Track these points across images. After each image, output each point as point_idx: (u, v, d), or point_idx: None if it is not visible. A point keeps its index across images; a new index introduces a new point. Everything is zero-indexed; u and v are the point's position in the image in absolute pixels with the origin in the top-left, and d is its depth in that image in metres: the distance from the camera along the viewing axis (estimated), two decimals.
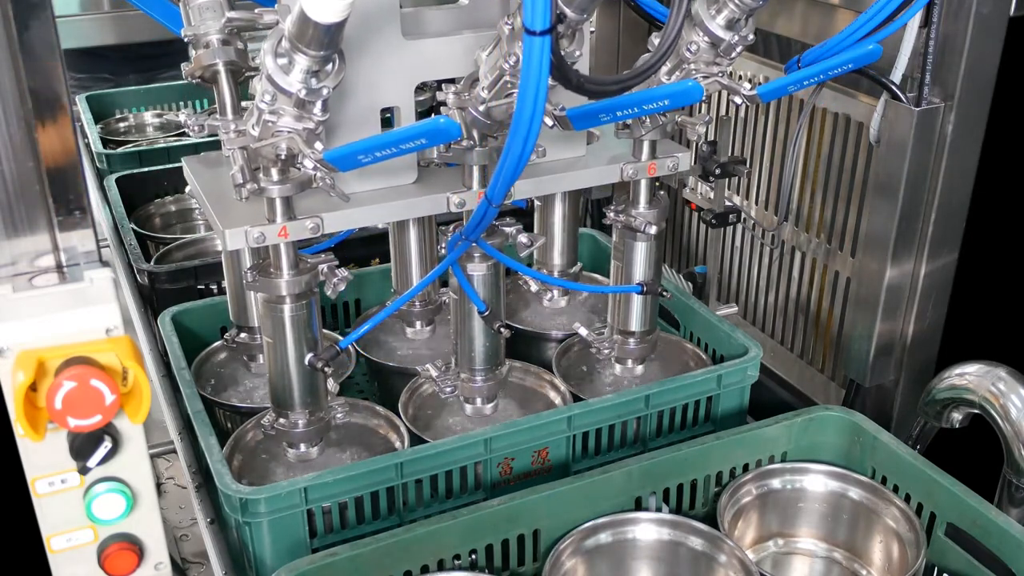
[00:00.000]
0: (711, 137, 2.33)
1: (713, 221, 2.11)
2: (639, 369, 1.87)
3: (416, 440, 1.68)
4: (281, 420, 1.63)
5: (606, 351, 1.86)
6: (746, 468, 1.67)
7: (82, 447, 1.39)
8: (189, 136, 2.87)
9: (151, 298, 2.10)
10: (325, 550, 1.43)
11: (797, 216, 2.18)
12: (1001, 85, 1.76)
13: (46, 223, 1.48)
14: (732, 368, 1.76)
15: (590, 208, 2.68)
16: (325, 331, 1.62)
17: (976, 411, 1.69)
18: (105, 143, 2.94)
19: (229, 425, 1.83)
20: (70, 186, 1.47)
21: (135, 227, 2.38)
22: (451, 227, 1.62)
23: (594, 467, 1.61)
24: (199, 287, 2.13)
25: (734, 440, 1.65)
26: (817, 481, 1.66)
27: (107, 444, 1.40)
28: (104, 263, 1.52)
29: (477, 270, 1.63)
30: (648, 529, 1.57)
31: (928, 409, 1.77)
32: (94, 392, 1.32)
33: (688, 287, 2.26)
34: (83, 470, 1.41)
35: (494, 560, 1.53)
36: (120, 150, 2.89)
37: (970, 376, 1.69)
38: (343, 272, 1.55)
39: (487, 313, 1.65)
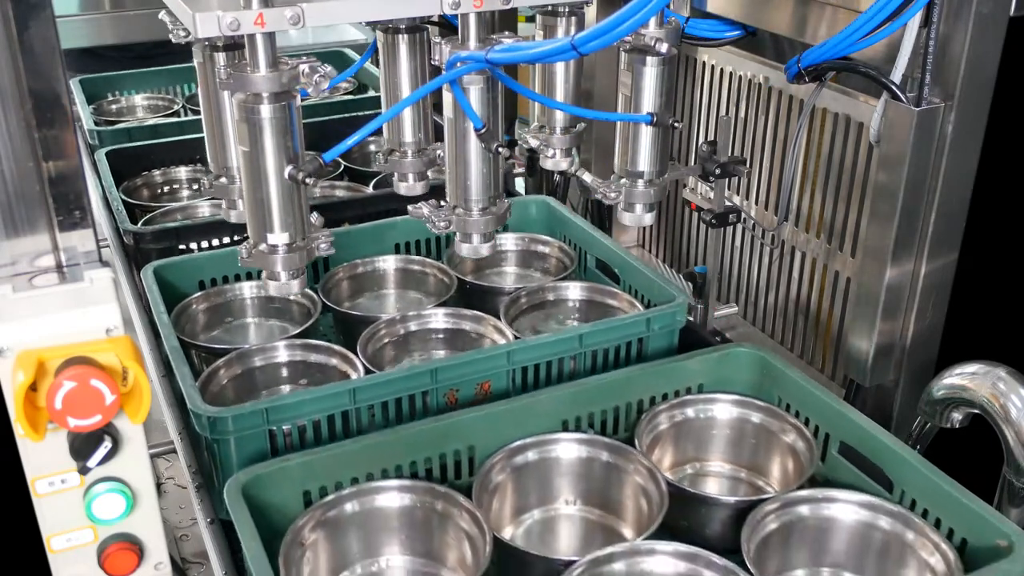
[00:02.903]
0: (711, 135, 2.33)
1: (713, 221, 2.11)
2: (648, 218, 1.79)
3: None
4: (261, 246, 1.55)
5: (612, 196, 1.77)
6: (665, 398, 1.81)
7: (82, 447, 1.39)
8: (176, 117, 3.20)
9: (136, 257, 2.25)
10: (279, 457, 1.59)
11: (797, 216, 2.18)
12: (1001, 85, 1.76)
13: (46, 223, 1.48)
14: (660, 312, 1.92)
15: (590, 208, 2.68)
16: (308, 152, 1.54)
17: (976, 411, 1.69)
18: (97, 124, 3.07)
19: (204, 367, 1.93)
20: (70, 186, 1.48)
21: (123, 196, 2.52)
22: (444, 41, 1.55)
23: None
24: (180, 247, 2.27)
25: (654, 371, 1.81)
26: (725, 409, 1.80)
27: (107, 444, 1.40)
28: (104, 263, 1.52)
29: (474, 83, 1.55)
30: (569, 447, 1.70)
31: (928, 409, 1.77)
32: (94, 392, 1.32)
33: (688, 287, 2.26)
34: (83, 470, 1.41)
35: (433, 472, 1.66)
36: (110, 128, 3.02)
37: (970, 376, 1.69)
38: (326, 68, 1.46)
39: (483, 131, 1.56)
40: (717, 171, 1.99)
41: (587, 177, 1.83)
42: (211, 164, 1.93)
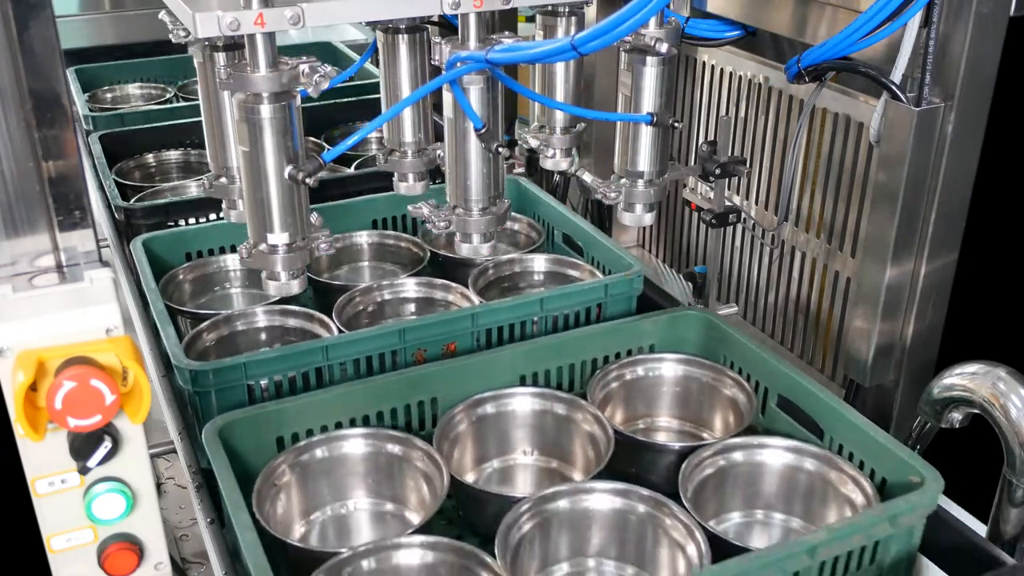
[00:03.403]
0: (711, 135, 2.33)
1: (713, 221, 2.11)
2: (648, 218, 1.80)
3: None
4: (261, 247, 1.55)
5: (612, 196, 1.78)
6: (618, 357, 1.92)
7: (82, 447, 1.39)
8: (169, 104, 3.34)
9: (127, 233, 2.36)
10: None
11: (797, 216, 2.18)
12: (1001, 85, 1.76)
13: (46, 223, 1.48)
14: (618, 279, 2.03)
15: (590, 208, 2.68)
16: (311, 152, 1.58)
17: (976, 411, 1.69)
18: (92, 111, 3.15)
19: (189, 331, 2.03)
20: (70, 186, 1.48)
21: (116, 177, 2.66)
22: (444, 41, 1.55)
23: None
24: (169, 223, 2.40)
25: (607, 331, 1.92)
26: (672, 367, 1.90)
27: (107, 444, 1.40)
28: (104, 263, 1.52)
29: (474, 83, 1.55)
30: (524, 400, 1.81)
31: (928, 409, 1.77)
32: (94, 392, 1.32)
33: (688, 287, 2.26)
34: (83, 470, 1.41)
35: (398, 422, 1.77)
36: (104, 114, 3.13)
37: (970, 376, 1.69)
38: (326, 68, 1.46)
39: (483, 131, 1.56)
40: (717, 171, 1.99)
41: (587, 177, 1.83)
42: (211, 164, 1.93)
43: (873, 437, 1.59)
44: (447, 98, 1.60)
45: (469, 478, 1.77)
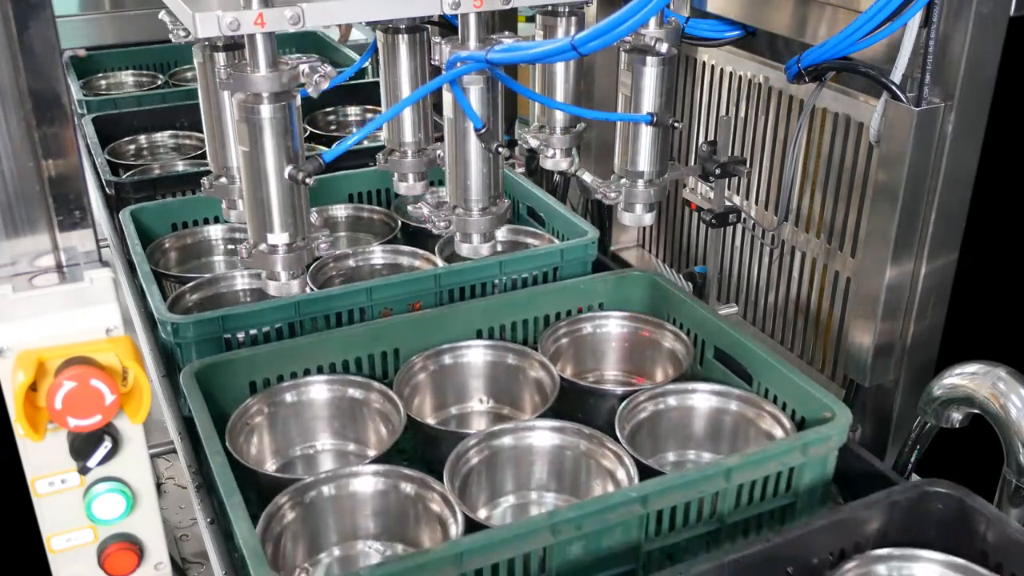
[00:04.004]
0: (711, 135, 2.33)
1: (713, 221, 2.11)
2: (648, 218, 1.81)
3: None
4: (261, 246, 1.56)
5: (612, 196, 1.79)
6: (569, 314, 2.07)
7: (82, 447, 1.39)
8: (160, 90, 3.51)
9: (117, 207, 2.51)
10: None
11: (797, 216, 2.18)
12: (1001, 85, 1.76)
13: (46, 223, 1.48)
14: (573, 244, 2.17)
15: (590, 208, 2.68)
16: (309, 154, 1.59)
17: (976, 411, 1.69)
18: (86, 95, 3.34)
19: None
20: (70, 186, 1.48)
21: (108, 157, 2.83)
22: (444, 41, 1.55)
23: None
24: (157, 197, 2.58)
25: (558, 289, 2.08)
26: (617, 324, 2.05)
27: (107, 444, 1.40)
28: (104, 263, 1.52)
29: (474, 83, 1.55)
30: (477, 352, 1.95)
31: (928, 409, 1.77)
32: (94, 392, 1.32)
33: (688, 287, 2.26)
34: (83, 470, 1.41)
35: (363, 370, 1.91)
36: (97, 98, 3.33)
37: (970, 376, 1.69)
38: (326, 68, 1.47)
39: (484, 131, 1.57)
40: (717, 171, 1.99)
41: (587, 177, 1.83)
42: (211, 164, 1.93)
43: (794, 380, 1.75)
44: (447, 98, 1.60)
45: (429, 422, 1.88)
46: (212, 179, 1.92)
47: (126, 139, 3.07)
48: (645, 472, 1.61)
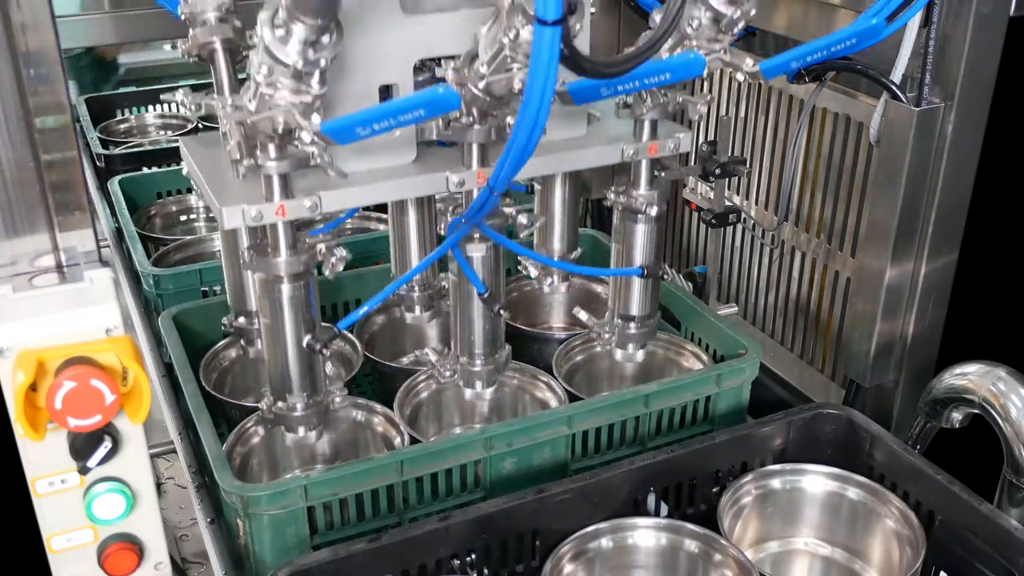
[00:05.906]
0: (711, 135, 2.33)
1: (713, 221, 2.11)
2: (640, 355, 1.88)
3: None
4: (279, 404, 1.63)
5: (607, 336, 1.86)
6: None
7: (82, 447, 1.39)
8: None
9: (107, 178, 2.67)
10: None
11: (797, 216, 2.18)
12: (1001, 85, 1.76)
13: (46, 223, 1.48)
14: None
15: (590, 208, 2.68)
16: (325, 324, 1.63)
17: (976, 411, 1.69)
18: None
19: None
20: (70, 186, 1.48)
21: (100, 135, 3.01)
22: (450, 208, 1.61)
23: None
24: (144, 168, 2.78)
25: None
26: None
27: (107, 444, 1.40)
28: (104, 263, 1.52)
29: (476, 251, 1.62)
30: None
31: (928, 409, 1.77)
32: (94, 392, 1.32)
33: (688, 287, 2.26)
34: (83, 470, 1.41)
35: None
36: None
37: (970, 376, 1.69)
38: (341, 252, 1.53)
39: (486, 295, 1.63)
40: (717, 171, 1.99)
41: (583, 315, 1.91)
42: (230, 304, 1.90)
43: (713, 322, 1.93)
44: (452, 265, 1.66)
45: None
46: (232, 318, 1.90)
47: (116, 118, 3.26)
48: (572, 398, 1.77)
